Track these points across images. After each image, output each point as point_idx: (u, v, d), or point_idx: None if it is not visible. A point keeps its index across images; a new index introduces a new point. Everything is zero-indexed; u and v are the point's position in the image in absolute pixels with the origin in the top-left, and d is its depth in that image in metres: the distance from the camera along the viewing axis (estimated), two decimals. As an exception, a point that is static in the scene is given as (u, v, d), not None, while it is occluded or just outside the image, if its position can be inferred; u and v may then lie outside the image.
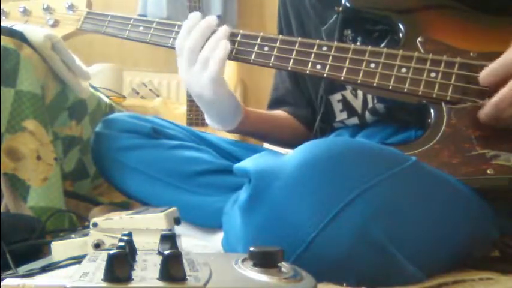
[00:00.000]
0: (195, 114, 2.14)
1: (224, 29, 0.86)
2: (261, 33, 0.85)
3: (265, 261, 0.41)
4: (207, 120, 0.95)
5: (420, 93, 0.73)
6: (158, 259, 0.42)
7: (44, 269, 0.59)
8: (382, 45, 0.81)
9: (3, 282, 0.36)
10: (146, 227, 0.65)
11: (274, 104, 1.11)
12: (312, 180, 0.57)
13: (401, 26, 0.79)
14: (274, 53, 0.83)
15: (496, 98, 0.66)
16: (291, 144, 1.03)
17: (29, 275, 0.58)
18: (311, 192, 0.57)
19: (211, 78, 0.84)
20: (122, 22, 0.97)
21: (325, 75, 0.79)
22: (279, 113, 1.09)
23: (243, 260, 0.43)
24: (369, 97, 0.87)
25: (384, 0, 0.82)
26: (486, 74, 0.69)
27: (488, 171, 0.67)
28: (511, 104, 0.66)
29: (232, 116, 0.93)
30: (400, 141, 0.80)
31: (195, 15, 0.87)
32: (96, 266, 0.40)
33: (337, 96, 0.92)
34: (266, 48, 0.84)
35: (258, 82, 2.47)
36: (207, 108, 0.91)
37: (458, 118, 0.71)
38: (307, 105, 1.05)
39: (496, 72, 0.68)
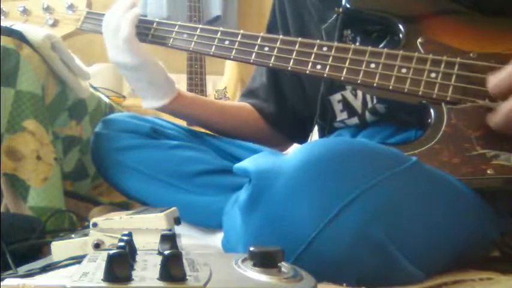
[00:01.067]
0: (195, 114, 2.14)
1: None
2: (261, 34, 0.85)
3: (265, 261, 0.41)
4: (142, 100, 0.96)
5: (420, 93, 0.73)
6: (158, 259, 0.42)
7: (44, 269, 0.59)
8: (382, 45, 0.81)
9: (3, 282, 0.36)
10: (146, 227, 0.65)
11: (246, 94, 1.11)
12: (312, 180, 0.57)
13: (401, 26, 0.79)
14: (275, 53, 0.83)
15: (507, 107, 0.65)
16: (250, 138, 1.02)
17: (29, 275, 0.58)
18: (311, 192, 0.57)
19: (124, 38, 0.88)
20: (122, 22, 0.97)
21: (325, 75, 0.79)
22: (238, 103, 1.10)
23: (243, 260, 0.43)
24: (369, 97, 0.87)
25: (384, 1, 0.82)
26: (494, 87, 0.67)
27: (488, 171, 0.67)
28: None
29: (162, 89, 0.94)
30: (400, 141, 0.80)
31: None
32: (96, 266, 0.40)
33: (337, 97, 0.92)
34: (266, 49, 0.84)
35: (258, 82, 2.47)
36: (135, 79, 0.93)
37: (458, 118, 0.71)
38: (276, 103, 1.06)
39: (503, 84, 0.67)
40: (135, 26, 0.90)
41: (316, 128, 1.02)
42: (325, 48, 0.80)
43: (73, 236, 0.70)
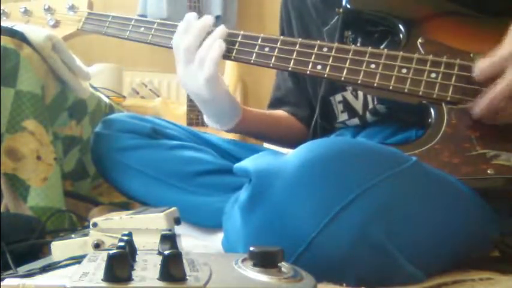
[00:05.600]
0: (195, 114, 2.14)
1: (220, 29, 0.86)
2: (262, 34, 0.85)
3: (265, 261, 0.41)
4: (205, 119, 0.96)
5: (420, 93, 0.73)
6: (158, 259, 0.42)
7: (44, 269, 0.59)
8: (382, 46, 0.81)
9: (3, 282, 0.36)
10: (146, 227, 0.64)
11: (275, 103, 1.12)
12: (312, 180, 0.57)
13: (401, 27, 0.79)
14: (275, 53, 0.83)
15: (491, 92, 0.66)
16: (290, 144, 1.03)
17: (29, 275, 0.57)
18: (311, 192, 0.57)
19: (207, 78, 0.84)
20: (123, 23, 0.97)
21: (325, 75, 0.79)
22: (279, 112, 1.09)
23: (243, 260, 0.43)
24: (370, 98, 0.87)
25: (384, 2, 0.82)
26: (483, 69, 0.69)
27: (489, 171, 0.67)
28: (506, 97, 0.66)
29: (229, 116, 0.93)
30: (401, 141, 0.80)
31: (191, 15, 0.88)
32: (96, 266, 0.40)
33: (338, 97, 0.92)
34: (267, 49, 0.84)
35: (258, 82, 2.47)
36: (204, 108, 0.92)
37: (458, 118, 0.71)
38: (308, 105, 1.06)
39: (492, 66, 0.67)
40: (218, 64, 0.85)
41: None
42: (325, 49, 0.80)
43: (73, 236, 0.70)
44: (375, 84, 0.76)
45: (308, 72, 0.80)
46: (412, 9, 0.80)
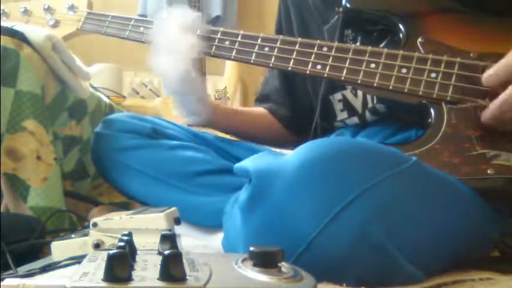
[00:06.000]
0: (195, 115, 2.14)
1: (196, 22, 0.89)
2: (262, 34, 0.85)
3: (265, 261, 0.41)
4: (179, 113, 0.97)
5: (420, 93, 0.73)
6: (158, 259, 0.42)
7: (44, 269, 0.59)
8: (382, 45, 0.81)
9: (3, 282, 0.36)
10: (146, 227, 0.64)
11: (261, 99, 1.13)
12: (313, 180, 0.57)
13: (401, 26, 0.79)
14: (275, 53, 0.83)
15: (499, 100, 0.66)
16: (267, 142, 1.04)
17: (29, 275, 0.57)
18: (311, 192, 0.57)
19: (185, 68, 0.86)
20: (123, 22, 0.97)
21: (325, 75, 0.79)
22: (258, 110, 1.10)
23: (243, 260, 0.43)
24: (369, 97, 0.87)
25: (384, 1, 0.82)
26: (489, 75, 0.69)
27: (488, 171, 0.67)
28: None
29: (204, 108, 0.94)
30: (401, 141, 0.80)
31: (167, 11, 0.90)
32: (96, 266, 0.40)
33: (338, 96, 0.92)
34: (266, 49, 0.84)
35: (258, 82, 2.47)
36: (181, 99, 0.93)
37: (458, 118, 0.71)
38: (290, 106, 1.06)
39: (498, 73, 0.67)
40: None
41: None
42: (325, 48, 0.80)
43: (73, 236, 0.70)
44: (375, 84, 0.76)
45: (308, 72, 0.80)
46: (412, 8, 0.80)
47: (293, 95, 1.06)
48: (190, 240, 0.85)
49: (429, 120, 0.73)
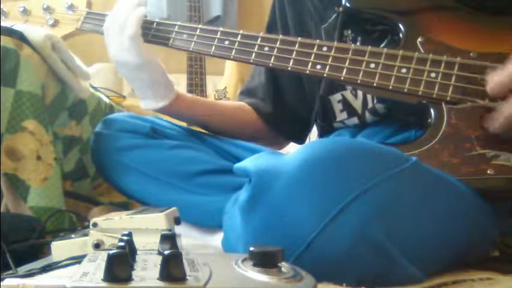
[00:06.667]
0: (195, 114, 2.14)
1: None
2: (261, 34, 0.85)
3: (265, 261, 0.41)
4: (138, 94, 0.95)
5: (420, 93, 0.73)
6: (158, 259, 0.42)
7: (44, 269, 0.59)
8: (382, 45, 0.81)
9: (3, 282, 0.36)
10: (146, 227, 0.65)
11: (245, 92, 1.11)
12: (313, 180, 0.57)
13: (401, 26, 0.79)
14: (274, 53, 0.83)
15: (508, 110, 0.66)
16: (241, 136, 1.02)
17: (29, 275, 0.57)
18: (311, 193, 0.57)
19: (130, 37, 0.87)
20: (122, 22, 0.97)
21: (325, 75, 0.79)
22: (231, 103, 1.10)
23: (243, 260, 0.43)
24: (369, 97, 0.87)
25: (384, 1, 0.82)
26: (494, 86, 0.68)
27: (488, 171, 0.67)
28: None
29: (161, 90, 0.93)
30: (400, 141, 0.80)
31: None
32: (96, 266, 0.40)
33: (338, 97, 0.92)
34: (266, 49, 0.84)
35: (258, 82, 2.47)
36: (134, 78, 0.92)
37: (458, 118, 0.71)
38: (273, 103, 1.05)
39: (503, 83, 0.67)
40: (140, 25, 0.90)
41: (314, 128, 1.02)
42: (325, 48, 0.80)
43: (73, 236, 0.70)
44: (375, 84, 0.76)
45: (307, 71, 0.80)
46: (412, 8, 0.80)
47: (278, 91, 1.05)
48: (190, 240, 0.85)
49: (429, 120, 0.73)
